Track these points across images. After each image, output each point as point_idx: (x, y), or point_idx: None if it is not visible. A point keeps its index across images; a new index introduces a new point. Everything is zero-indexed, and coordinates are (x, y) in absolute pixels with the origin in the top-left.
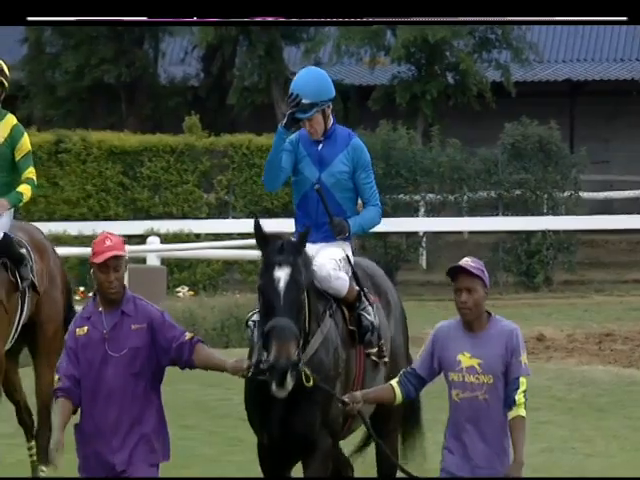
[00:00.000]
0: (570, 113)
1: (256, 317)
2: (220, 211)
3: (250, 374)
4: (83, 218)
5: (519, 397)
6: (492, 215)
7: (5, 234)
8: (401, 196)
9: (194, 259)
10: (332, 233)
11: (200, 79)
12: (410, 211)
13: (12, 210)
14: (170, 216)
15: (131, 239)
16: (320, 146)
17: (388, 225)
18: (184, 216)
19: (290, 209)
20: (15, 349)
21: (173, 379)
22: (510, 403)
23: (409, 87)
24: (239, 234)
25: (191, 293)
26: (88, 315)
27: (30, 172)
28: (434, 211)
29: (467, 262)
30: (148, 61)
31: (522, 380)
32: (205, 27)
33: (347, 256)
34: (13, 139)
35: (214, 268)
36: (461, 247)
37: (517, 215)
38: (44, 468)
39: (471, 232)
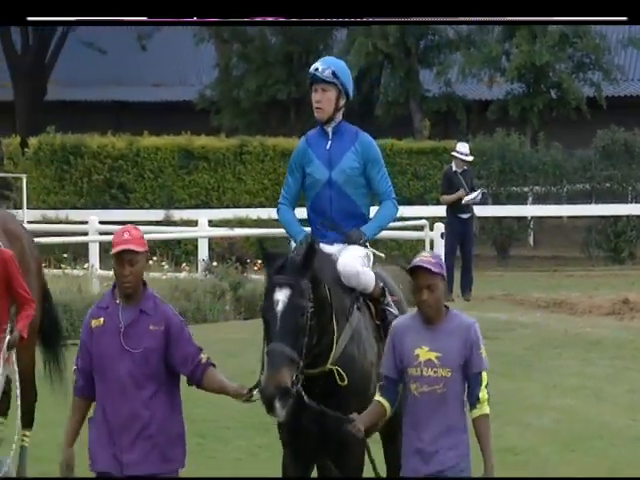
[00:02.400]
0: None
1: None
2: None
3: (252, 398)
4: (261, 205)
5: (483, 394)
6: (586, 203)
7: None
8: (513, 188)
9: None
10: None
11: (353, 95)
12: (520, 200)
13: None
14: None
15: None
16: (328, 144)
17: (503, 211)
18: None
19: (425, 199)
20: None
21: None
22: (474, 401)
23: (520, 101)
24: None
25: None
26: (105, 305)
27: None
28: (540, 200)
29: (427, 259)
30: None
31: (484, 374)
32: (358, 55)
33: (367, 254)
34: None
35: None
36: (561, 229)
37: (606, 203)
38: (27, 433)
39: (569, 217)
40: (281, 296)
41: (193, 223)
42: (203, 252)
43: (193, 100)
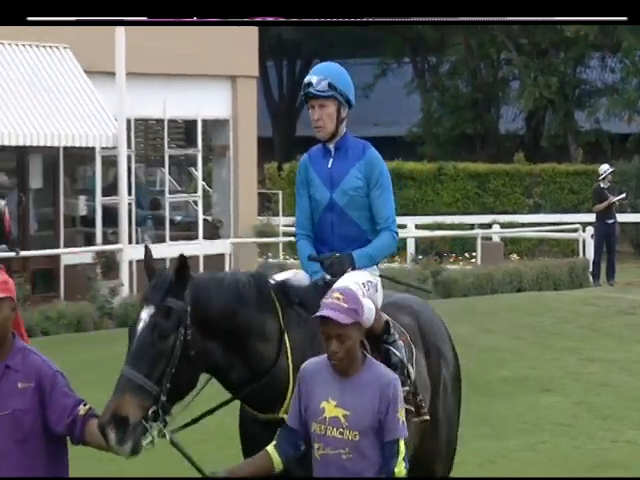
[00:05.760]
0: None
1: None
2: (536, 209)
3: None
4: (454, 213)
5: (399, 468)
6: None
7: None
8: None
9: (520, 237)
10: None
11: (524, 131)
12: None
13: None
14: (505, 212)
15: (481, 226)
16: (330, 163)
17: (639, 217)
18: (514, 212)
19: (578, 208)
20: None
21: None
22: (388, 474)
23: None
24: (547, 222)
25: (518, 258)
26: None
27: None
28: None
29: (337, 304)
30: (493, 121)
31: (401, 444)
32: (527, 101)
33: (371, 281)
34: None
35: (532, 242)
36: None
37: None
38: None
39: None
40: (143, 315)
41: (402, 227)
42: (410, 248)
43: (403, 136)
